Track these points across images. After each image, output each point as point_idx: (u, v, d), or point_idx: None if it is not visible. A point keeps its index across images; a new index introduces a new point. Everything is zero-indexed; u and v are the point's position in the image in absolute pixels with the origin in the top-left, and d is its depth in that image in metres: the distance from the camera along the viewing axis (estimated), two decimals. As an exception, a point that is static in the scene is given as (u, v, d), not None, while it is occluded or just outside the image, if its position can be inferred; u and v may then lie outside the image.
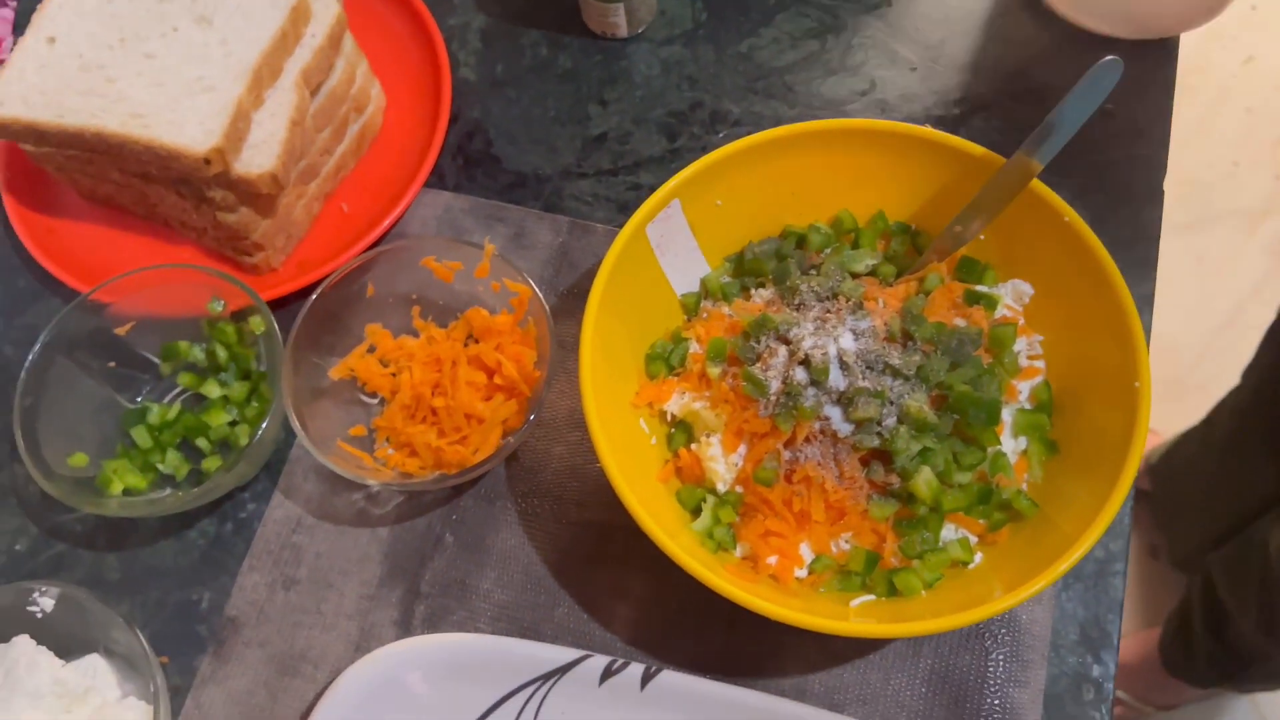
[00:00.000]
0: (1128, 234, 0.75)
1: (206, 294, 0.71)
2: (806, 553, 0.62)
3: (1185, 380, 1.71)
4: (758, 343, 0.63)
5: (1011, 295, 0.66)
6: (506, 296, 0.71)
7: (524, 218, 0.78)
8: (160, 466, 0.70)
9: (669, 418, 0.67)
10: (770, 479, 0.61)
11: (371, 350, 0.72)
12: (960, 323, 0.64)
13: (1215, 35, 2.17)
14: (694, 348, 0.67)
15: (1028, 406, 0.65)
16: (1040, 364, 0.65)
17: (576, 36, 0.85)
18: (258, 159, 0.70)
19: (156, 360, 0.73)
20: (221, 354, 0.72)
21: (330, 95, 0.76)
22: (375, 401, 0.72)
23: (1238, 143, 2.05)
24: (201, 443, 0.71)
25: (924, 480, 0.59)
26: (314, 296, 0.68)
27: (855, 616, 0.59)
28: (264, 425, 0.65)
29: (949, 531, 0.62)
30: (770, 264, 0.68)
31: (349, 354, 0.71)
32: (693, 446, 0.65)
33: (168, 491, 0.70)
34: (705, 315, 0.69)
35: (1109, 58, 0.57)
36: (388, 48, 0.83)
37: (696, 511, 0.64)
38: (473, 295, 0.72)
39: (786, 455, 0.61)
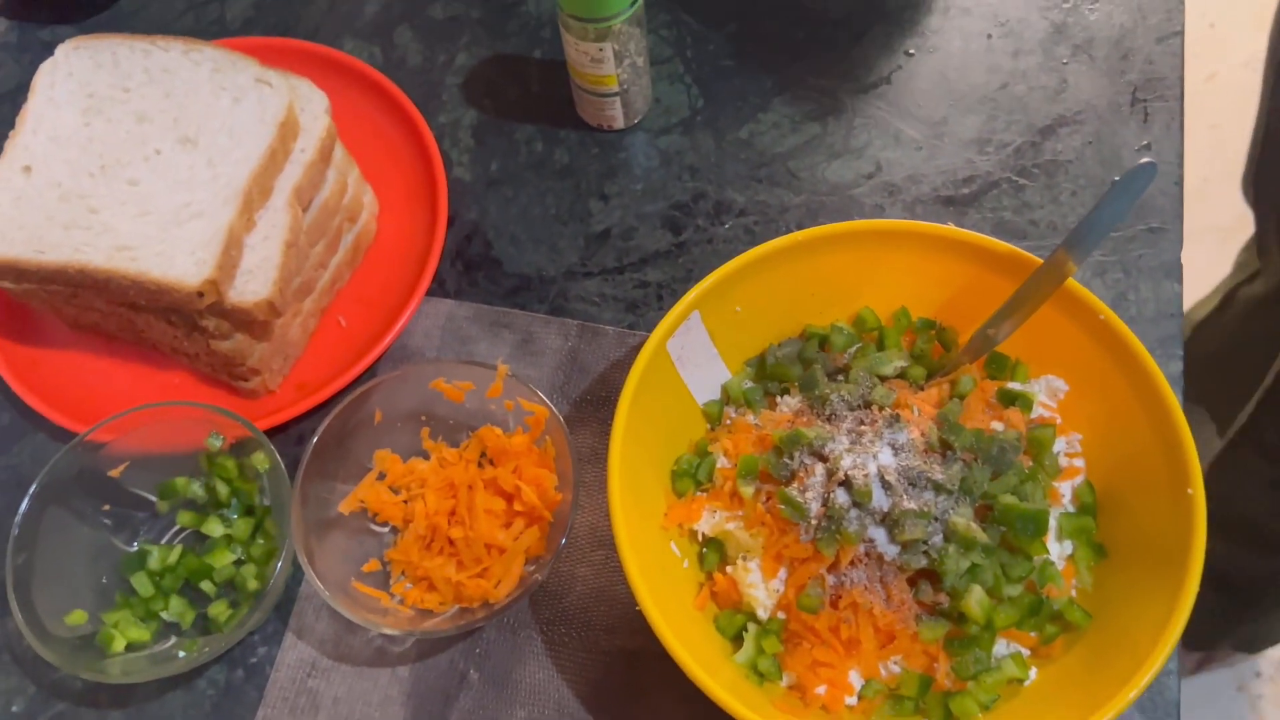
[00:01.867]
0: (1150, 311, 0.73)
1: (204, 428, 0.68)
2: (855, 678, 0.59)
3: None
4: (791, 459, 0.61)
5: (1046, 392, 0.64)
6: (521, 414, 0.68)
7: (530, 323, 0.75)
8: (164, 615, 0.66)
9: (700, 537, 0.64)
10: (815, 606, 0.58)
11: (381, 478, 0.68)
12: (998, 426, 0.62)
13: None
14: (722, 461, 0.64)
15: (1071, 509, 0.62)
16: (1080, 463, 0.63)
17: (572, 129, 0.82)
18: (252, 286, 0.67)
19: (153, 498, 0.69)
20: (222, 490, 0.68)
21: (323, 208, 0.73)
22: (387, 530, 0.68)
23: (1205, 160, 2.06)
24: (206, 586, 0.67)
25: (976, 600, 0.57)
26: (320, 431, 0.65)
27: None
28: (276, 571, 0.62)
29: (1001, 647, 0.60)
30: (795, 369, 0.66)
31: (357, 483, 0.68)
32: (728, 569, 0.62)
33: (172, 640, 0.66)
34: (729, 423, 0.66)
35: (1144, 161, 0.56)
36: (377, 150, 0.81)
37: (737, 638, 0.61)
38: (485, 413, 0.69)
39: (830, 580, 0.59)
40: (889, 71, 0.83)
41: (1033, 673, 0.59)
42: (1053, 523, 0.61)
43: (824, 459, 0.60)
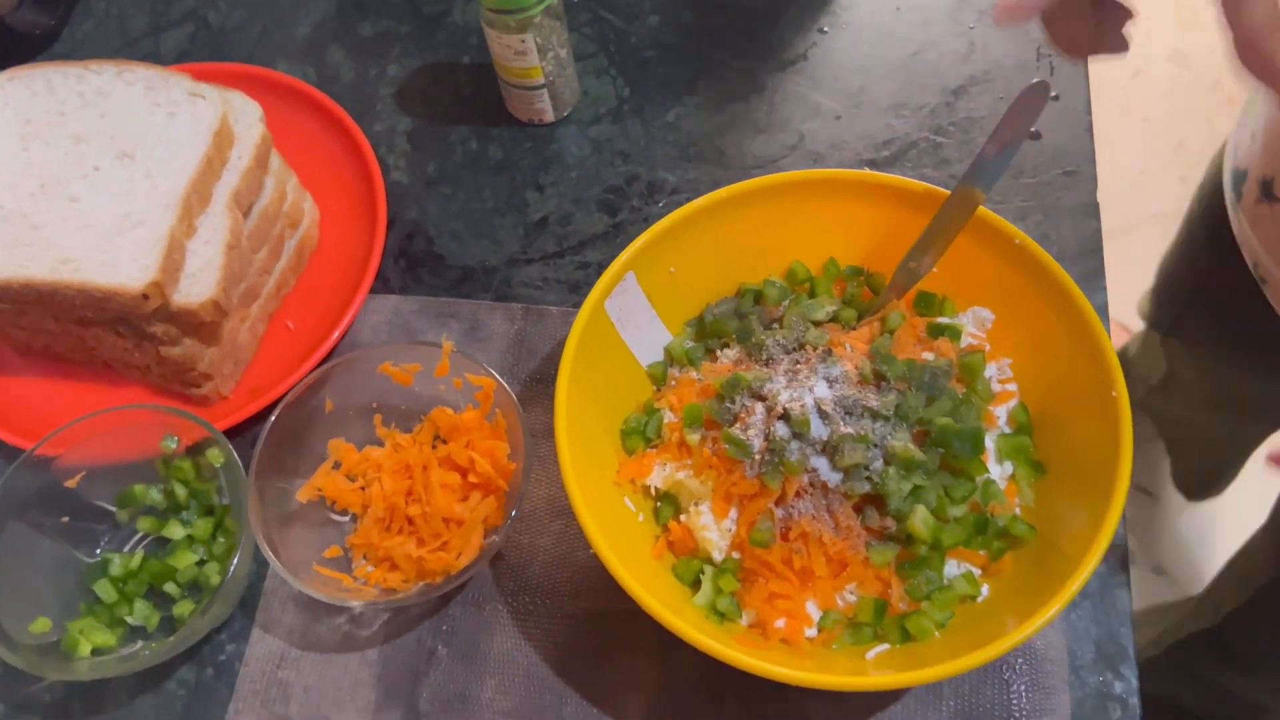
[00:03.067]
0: (1072, 248, 0.76)
1: (158, 433, 0.68)
2: (813, 610, 0.60)
3: (1137, 382, 1.75)
4: (733, 403, 0.62)
5: (974, 323, 0.67)
6: (470, 392, 0.69)
7: (476, 310, 0.77)
8: (129, 619, 0.66)
9: (653, 491, 0.65)
10: (767, 540, 0.59)
11: (337, 466, 0.69)
12: (929, 357, 0.64)
13: (1103, 54, 2.27)
14: (669, 417, 0.66)
15: (1008, 431, 0.64)
16: (1013, 387, 0.65)
17: (504, 127, 0.85)
18: (196, 288, 0.69)
19: (112, 509, 0.70)
20: (180, 492, 0.69)
21: (263, 215, 0.75)
22: (347, 519, 0.69)
23: (1142, 152, 2.13)
24: (170, 587, 0.67)
25: (920, 519, 0.59)
26: (271, 420, 0.66)
27: (874, 669, 0.57)
28: (235, 562, 0.62)
29: (952, 567, 0.61)
30: (732, 324, 0.68)
31: (314, 474, 0.69)
32: (682, 518, 0.63)
33: (139, 644, 0.66)
34: (674, 383, 0.68)
35: (1035, 81, 0.58)
36: (316, 160, 0.83)
37: (695, 584, 0.62)
38: (435, 395, 0.70)
39: (779, 513, 0.60)
40: (805, 49, 0.87)
41: (985, 590, 0.60)
42: (991, 445, 0.63)
43: (763, 399, 0.61)
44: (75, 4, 0.96)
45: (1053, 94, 0.82)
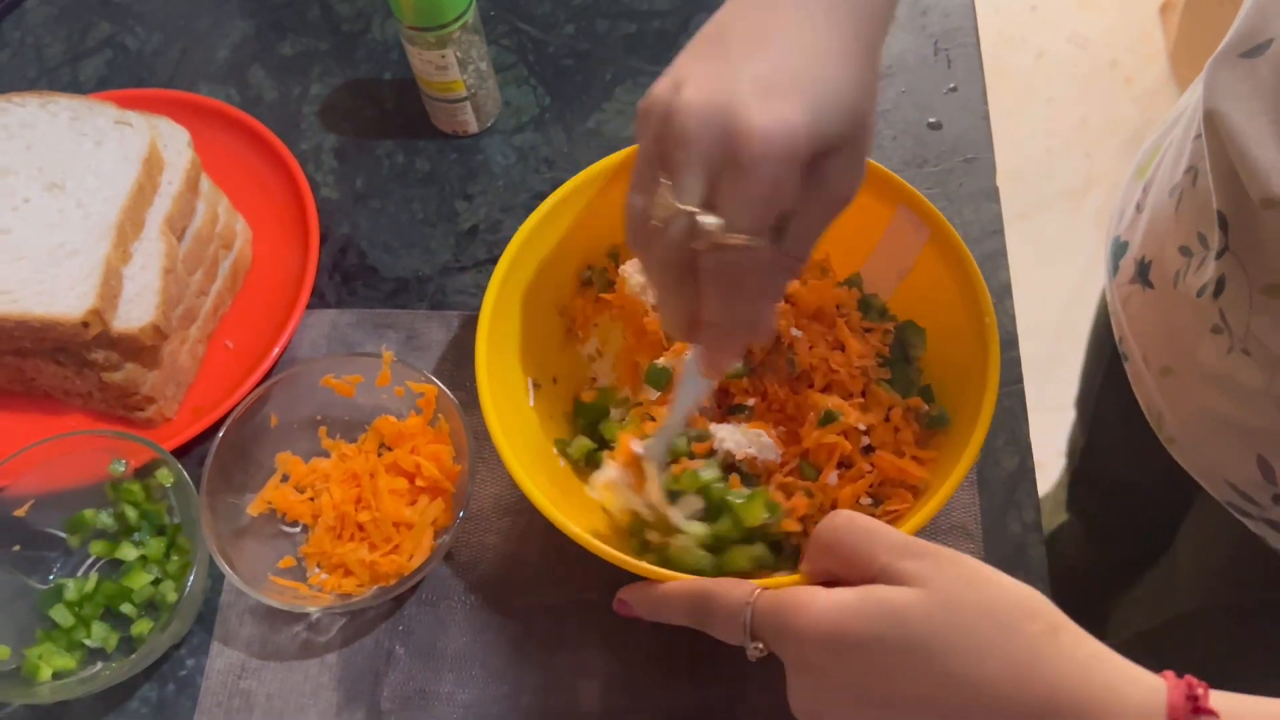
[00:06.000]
0: (975, 231, 0.81)
1: (105, 457, 0.70)
2: None
3: (1053, 356, 1.81)
4: None
5: None
6: (412, 399, 0.71)
7: (413, 320, 0.79)
8: (87, 642, 0.68)
9: None
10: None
11: (285, 479, 0.71)
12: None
13: (1005, 40, 2.36)
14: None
15: None
16: None
17: (430, 139, 0.87)
18: (136, 313, 0.70)
19: (63, 535, 0.71)
20: (131, 514, 0.70)
21: (196, 238, 0.76)
22: (298, 530, 0.71)
23: (1046, 131, 2.22)
24: (126, 608, 0.69)
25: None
26: (218, 437, 0.67)
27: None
28: (191, 577, 0.64)
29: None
30: None
31: (263, 487, 0.70)
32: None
33: (99, 665, 0.67)
34: None
35: None
36: (245, 181, 0.84)
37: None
38: (378, 405, 0.72)
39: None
40: (717, 52, 0.90)
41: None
42: None
43: None
44: (-11, 34, 0.96)
45: (951, 85, 0.87)
